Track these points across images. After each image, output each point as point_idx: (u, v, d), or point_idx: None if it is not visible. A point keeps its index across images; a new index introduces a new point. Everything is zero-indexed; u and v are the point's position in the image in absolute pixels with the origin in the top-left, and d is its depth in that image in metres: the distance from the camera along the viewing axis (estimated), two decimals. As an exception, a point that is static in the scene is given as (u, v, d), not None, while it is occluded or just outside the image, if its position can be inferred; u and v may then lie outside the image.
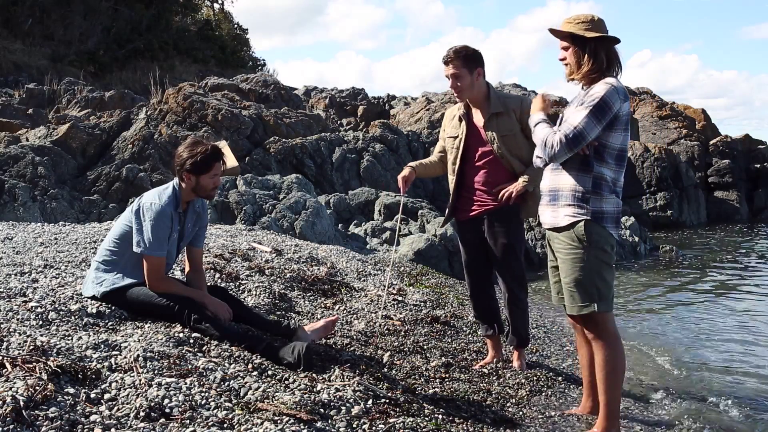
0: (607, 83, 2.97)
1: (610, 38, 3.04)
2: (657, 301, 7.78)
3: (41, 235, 5.70)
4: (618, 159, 3.04)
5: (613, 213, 3.05)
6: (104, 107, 14.41)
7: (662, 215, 16.47)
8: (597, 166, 3.01)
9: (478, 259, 3.99)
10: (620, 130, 2.99)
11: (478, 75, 3.75)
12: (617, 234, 3.11)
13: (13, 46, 19.30)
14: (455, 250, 9.48)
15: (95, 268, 3.55)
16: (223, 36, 26.74)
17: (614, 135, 2.99)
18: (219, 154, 3.46)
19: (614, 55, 3.06)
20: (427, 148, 15.31)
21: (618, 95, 2.94)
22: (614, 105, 2.93)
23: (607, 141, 2.99)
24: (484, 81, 3.81)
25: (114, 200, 10.54)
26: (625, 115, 3.00)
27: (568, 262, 3.07)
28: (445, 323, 4.99)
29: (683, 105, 21.29)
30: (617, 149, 3.02)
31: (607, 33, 3.05)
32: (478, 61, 3.75)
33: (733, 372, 4.80)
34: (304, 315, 4.47)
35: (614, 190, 3.07)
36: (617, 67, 3.06)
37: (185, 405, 2.41)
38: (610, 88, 2.94)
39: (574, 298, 3.09)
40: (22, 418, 2.09)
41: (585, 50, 3.03)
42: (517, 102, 3.81)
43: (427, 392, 3.29)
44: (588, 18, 3.06)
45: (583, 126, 2.92)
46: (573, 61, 3.07)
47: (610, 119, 2.94)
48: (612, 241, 3.07)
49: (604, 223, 3.03)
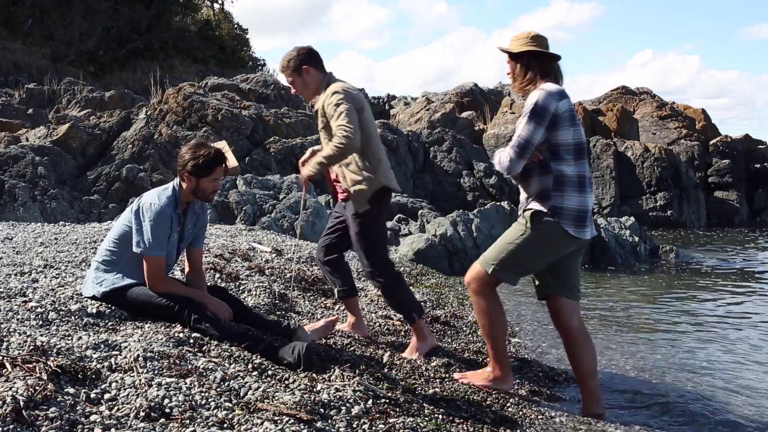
0: (540, 89, 3.21)
1: (544, 54, 3.30)
2: (657, 300, 7.78)
3: (41, 235, 5.70)
4: (576, 153, 3.22)
5: (572, 210, 3.21)
6: (104, 107, 14.42)
7: (662, 215, 16.46)
8: (555, 165, 3.21)
9: (337, 230, 4.06)
10: (566, 126, 3.19)
11: (307, 72, 3.81)
12: (578, 233, 3.23)
13: (13, 46, 19.30)
14: (455, 250, 9.49)
15: (95, 268, 3.55)
16: (223, 36, 26.76)
17: (562, 133, 3.19)
18: (221, 158, 3.44)
19: (550, 68, 3.31)
20: (427, 148, 15.32)
21: (551, 97, 3.17)
22: (549, 106, 3.15)
23: (558, 140, 3.19)
24: (315, 75, 3.82)
25: (114, 200, 10.55)
26: (566, 111, 3.18)
27: (512, 228, 3.37)
28: (445, 323, 5.00)
29: (683, 105, 21.28)
30: (571, 144, 3.21)
31: (544, 49, 3.30)
32: (304, 60, 3.81)
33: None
34: (304, 315, 4.47)
35: (580, 188, 3.23)
36: (554, 78, 3.30)
37: (185, 405, 2.41)
38: (541, 92, 3.18)
39: (488, 252, 3.41)
40: (22, 418, 2.09)
41: (519, 63, 3.33)
42: (325, 94, 3.79)
43: (427, 392, 3.29)
44: (524, 35, 3.34)
45: (527, 133, 3.15)
46: (512, 74, 3.38)
47: (551, 120, 3.16)
48: (565, 240, 3.24)
49: (560, 219, 3.21)
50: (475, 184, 14.40)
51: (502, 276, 3.37)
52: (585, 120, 18.20)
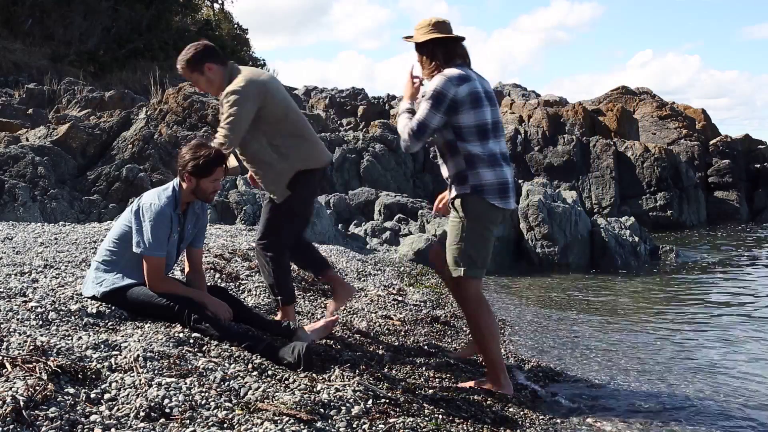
0: (441, 75, 3.31)
1: (448, 39, 3.39)
2: (656, 300, 7.78)
3: (41, 235, 5.70)
4: (480, 134, 3.33)
5: (493, 184, 3.34)
6: (104, 107, 14.41)
7: (662, 215, 16.46)
8: (462, 146, 3.34)
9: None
10: (467, 109, 3.29)
11: (209, 69, 3.71)
12: (504, 204, 3.39)
13: (13, 46, 19.28)
14: (455, 250, 9.46)
15: (95, 268, 3.55)
16: (223, 36, 26.73)
17: (464, 116, 3.30)
18: (222, 158, 3.43)
19: (455, 52, 3.40)
20: (426, 148, 15.30)
21: (450, 83, 3.27)
22: (448, 92, 3.26)
23: (460, 123, 3.31)
24: (217, 70, 3.72)
25: (114, 200, 10.54)
26: (466, 96, 3.28)
27: (450, 230, 3.46)
28: (445, 323, 5.00)
29: (683, 105, 21.28)
30: (472, 126, 3.32)
31: (447, 33, 3.39)
32: (203, 58, 3.70)
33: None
34: (304, 315, 4.47)
35: (492, 164, 3.34)
36: (461, 60, 3.41)
37: (185, 405, 2.41)
38: (442, 78, 3.29)
39: (450, 261, 3.47)
40: (22, 418, 2.09)
41: (423, 52, 3.42)
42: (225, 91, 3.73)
43: (427, 392, 3.28)
44: (426, 23, 3.43)
45: (424, 117, 3.28)
46: (420, 63, 3.46)
47: (449, 105, 3.27)
48: (494, 213, 3.39)
49: (484, 195, 3.33)
50: (475, 184, 14.38)
51: (478, 273, 3.48)
52: (585, 120, 18.22)
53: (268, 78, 3.81)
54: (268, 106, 3.63)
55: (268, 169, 3.75)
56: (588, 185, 16.69)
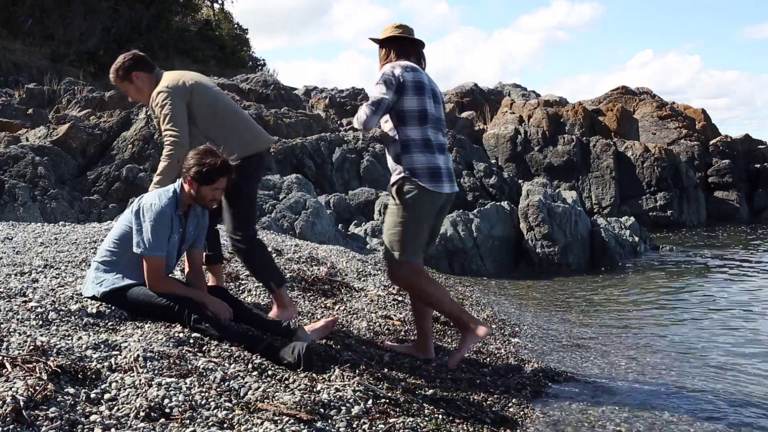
0: (391, 63, 3.71)
1: (406, 39, 3.79)
2: (656, 300, 7.78)
3: (41, 235, 5.69)
4: (420, 119, 3.63)
5: (424, 167, 3.60)
6: (104, 107, 14.41)
7: (662, 215, 16.46)
8: (402, 130, 3.64)
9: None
10: (411, 95, 3.61)
11: (137, 78, 3.84)
12: (435, 187, 3.60)
13: (13, 46, 19.28)
14: (455, 250, 9.49)
15: (95, 268, 3.55)
16: (223, 36, 26.74)
17: (407, 100, 3.61)
18: (227, 169, 3.44)
19: (410, 51, 3.80)
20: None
21: (398, 66, 3.64)
22: (395, 73, 3.60)
23: (403, 107, 3.62)
24: (145, 78, 3.85)
25: (114, 200, 10.54)
26: (411, 82, 3.61)
27: (388, 216, 3.71)
28: (445, 323, 5.00)
29: (683, 105, 21.29)
30: (415, 110, 3.62)
31: (408, 35, 3.80)
32: (132, 67, 3.84)
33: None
34: (304, 315, 4.47)
35: (426, 149, 3.62)
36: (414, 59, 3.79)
37: (185, 405, 2.41)
38: (391, 65, 3.68)
39: (386, 245, 3.72)
40: (22, 418, 2.09)
41: (383, 46, 3.83)
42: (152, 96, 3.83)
43: (427, 392, 3.28)
44: (391, 26, 3.85)
45: (379, 93, 3.57)
46: (379, 57, 3.86)
47: (397, 85, 3.58)
48: (426, 197, 3.60)
49: (417, 177, 3.58)
50: (475, 184, 14.40)
51: (413, 258, 3.68)
52: (585, 120, 18.22)
53: (191, 75, 3.93)
54: (195, 100, 3.76)
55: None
56: (588, 185, 16.69)
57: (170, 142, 3.62)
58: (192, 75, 3.93)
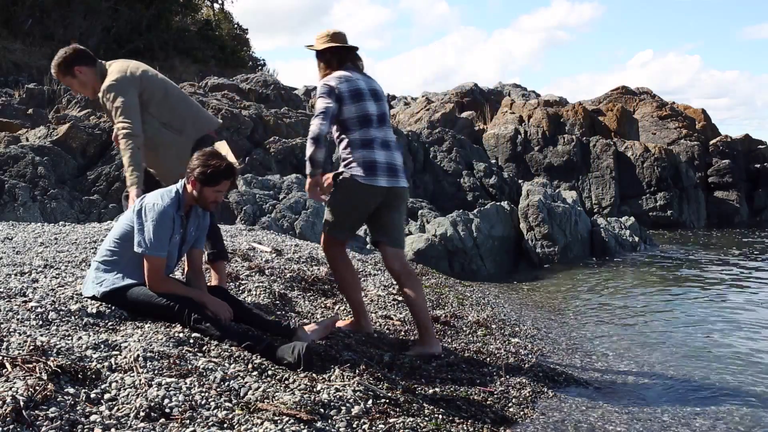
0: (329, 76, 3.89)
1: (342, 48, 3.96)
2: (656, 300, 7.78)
3: (41, 235, 5.69)
4: (361, 122, 3.88)
5: (358, 160, 3.86)
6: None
7: (662, 215, 16.45)
8: (344, 135, 3.91)
9: None
10: (348, 104, 3.84)
11: (80, 72, 3.90)
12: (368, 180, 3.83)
13: (13, 46, 19.28)
14: (455, 250, 9.49)
15: (95, 268, 3.55)
16: (223, 36, 26.73)
17: (345, 110, 3.84)
18: (231, 172, 3.47)
19: (346, 57, 3.98)
20: (427, 148, 15.32)
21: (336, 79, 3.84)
22: (332, 85, 3.82)
23: (344, 116, 3.86)
24: (88, 72, 3.92)
25: (114, 200, 10.53)
26: (346, 92, 3.84)
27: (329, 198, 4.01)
28: (445, 323, 5.00)
29: (683, 105, 21.28)
30: (354, 117, 3.86)
31: (342, 43, 3.97)
32: (73, 61, 3.90)
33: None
34: (304, 315, 4.47)
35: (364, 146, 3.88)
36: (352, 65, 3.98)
37: (185, 405, 2.41)
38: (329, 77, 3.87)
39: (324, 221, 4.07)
40: (22, 418, 2.09)
41: (321, 58, 4.00)
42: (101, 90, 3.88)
43: (427, 392, 3.28)
44: (325, 34, 4.01)
45: (322, 104, 3.80)
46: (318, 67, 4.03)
47: (337, 96, 3.81)
48: (360, 188, 3.85)
49: (351, 171, 3.86)
50: (475, 184, 14.40)
51: (336, 234, 4.03)
52: (585, 120, 18.21)
53: (137, 64, 4.00)
54: (146, 88, 3.83)
55: (168, 148, 3.92)
56: (588, 185, 16.69)
57: (124, 134, 3.71)
58: (137, 64, 4.00)
